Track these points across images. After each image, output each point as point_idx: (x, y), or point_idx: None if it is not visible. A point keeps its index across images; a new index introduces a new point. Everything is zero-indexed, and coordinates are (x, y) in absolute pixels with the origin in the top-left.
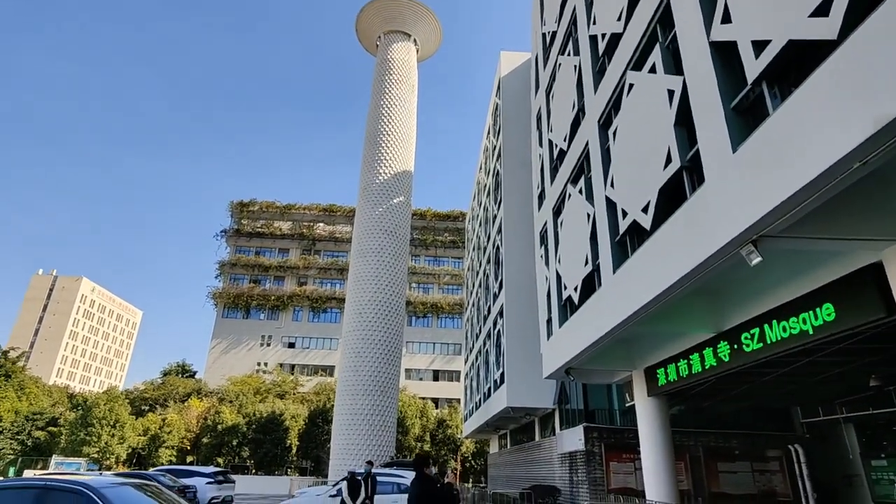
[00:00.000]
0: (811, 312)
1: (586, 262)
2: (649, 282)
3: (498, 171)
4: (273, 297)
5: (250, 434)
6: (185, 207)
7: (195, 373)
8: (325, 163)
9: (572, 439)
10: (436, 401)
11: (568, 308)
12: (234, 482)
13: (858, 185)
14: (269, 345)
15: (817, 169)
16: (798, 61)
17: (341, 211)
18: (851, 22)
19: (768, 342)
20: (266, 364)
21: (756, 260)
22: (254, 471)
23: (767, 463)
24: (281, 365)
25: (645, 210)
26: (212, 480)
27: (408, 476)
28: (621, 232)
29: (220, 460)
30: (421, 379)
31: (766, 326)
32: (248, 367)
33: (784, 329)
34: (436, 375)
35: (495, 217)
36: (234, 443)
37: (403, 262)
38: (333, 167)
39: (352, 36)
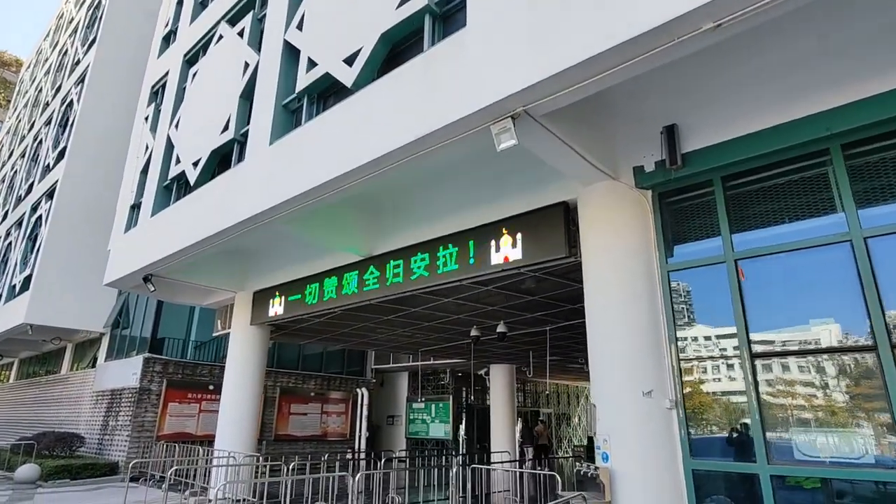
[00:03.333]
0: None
1: (226, 128)
2: (327, 160)
3: (100, 2)
4: None
5: None
6: None
7: None
8: None
9: (124, 373)
10: None
11: (174, 190)
12: None
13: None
14: None
15: (652, 21)
16: None
17: None
18: None
19: (438, 272)
20: None
21: (507, 143)
22: None
23: (337, 405)
24: None
25: (350, 62)
26: None
27: None
28: (299, 90)
29: None
30: None
31: (437, 254)
32: None
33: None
34: None
35: (78, 63)
36: None
37: None
38: None
39: None
